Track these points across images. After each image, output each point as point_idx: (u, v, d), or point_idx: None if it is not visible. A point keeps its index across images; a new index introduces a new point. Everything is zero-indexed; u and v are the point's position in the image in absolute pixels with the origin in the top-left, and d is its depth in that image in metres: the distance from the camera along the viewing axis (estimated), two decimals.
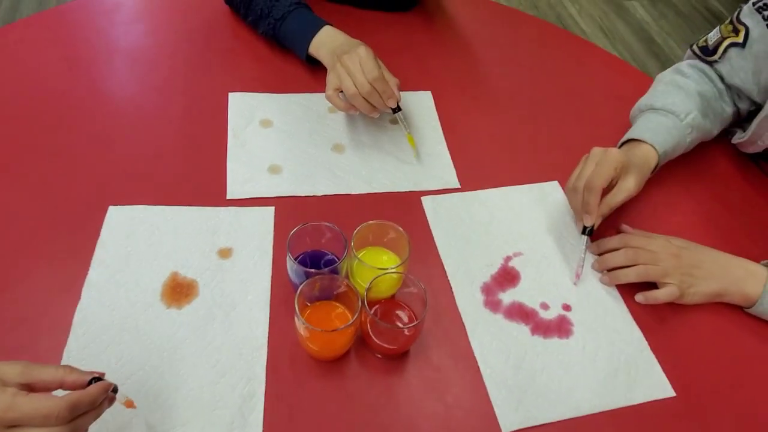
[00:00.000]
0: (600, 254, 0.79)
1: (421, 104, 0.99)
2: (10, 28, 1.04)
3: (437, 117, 0.97)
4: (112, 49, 1.02)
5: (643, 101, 0.91)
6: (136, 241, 0.74)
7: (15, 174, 0.80)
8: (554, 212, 0.85)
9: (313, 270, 0.64)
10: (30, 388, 0.48)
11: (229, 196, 0.81)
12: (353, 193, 0.83)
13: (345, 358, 0.67)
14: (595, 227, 0.76)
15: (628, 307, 0.75)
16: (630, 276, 0.74)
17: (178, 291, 0.70)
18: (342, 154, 0.89)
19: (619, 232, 0.82)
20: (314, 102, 0.96)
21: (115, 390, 0.51)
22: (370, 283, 0.63)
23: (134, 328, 0.67)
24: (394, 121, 0.93)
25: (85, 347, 0.64)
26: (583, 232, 0.77)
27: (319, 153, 0.88)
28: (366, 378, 0.66)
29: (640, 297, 0.73)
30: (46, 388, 0.49)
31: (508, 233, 0.81)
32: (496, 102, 1.03)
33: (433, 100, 1.00)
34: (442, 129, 0.95)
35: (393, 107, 0.85)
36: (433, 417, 0.64)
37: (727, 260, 0.75)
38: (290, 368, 0.66)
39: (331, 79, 0.86)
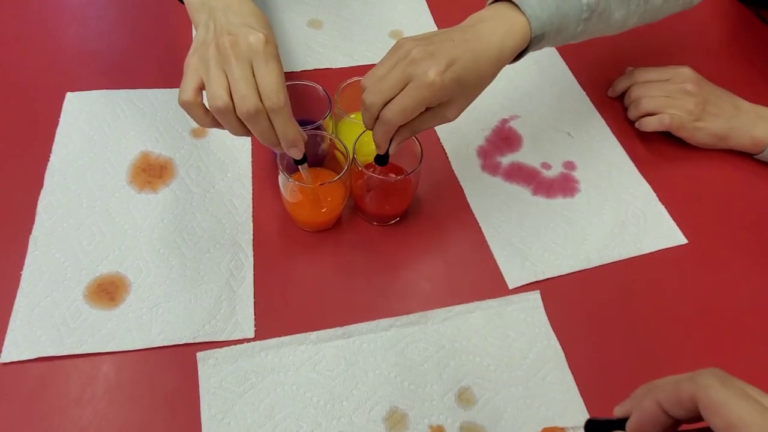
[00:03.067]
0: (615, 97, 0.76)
1: None
2: None
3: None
4: None
5: None
6: (99, 126, 0.68)
7: None
8: (548, 76, 0.79)
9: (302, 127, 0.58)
10: None
11: None
12: (334, 67, 0.77)
13: (337, 227, 0.63)
14: (391, 152, 0.54)
15: (634, 161, 0.71)
16: (653, 125, 0.70)
17: (150, 172, 0.65)
18: (320, 29, 0.81)
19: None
20: None
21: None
22: (358, 138, 0.57)
23: (105, 211, 0.61)
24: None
25: (52, 232, 0.59)
26: (376, 160, 0.55)
27: (294, 29, 0.81)
28: (360, 245, 0.62)
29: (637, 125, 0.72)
30: None
31: (502, 98, 0.76)
32: None
33: None
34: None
35: (296, 158, 0.53)
36: (436, 278, 0.60)
37: (739, 102, 0.70)
38: (279, 240, 0.61)
39: (193, 65, 0.48)
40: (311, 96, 0.62)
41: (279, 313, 0.56)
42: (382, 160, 0.54)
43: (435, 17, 0.85)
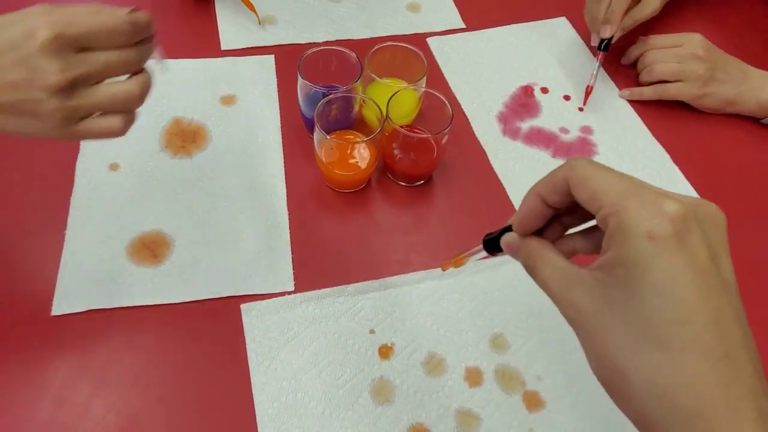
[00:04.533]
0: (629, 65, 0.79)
1: None
2: None
3: None
4: None
5: None
6: None
7: None
8: (565, 48, 0.81)
9: (327, 89, 0.60)
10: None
11: (224, 47, 0.75)
12: (355, 38, 0.79)
13: (366, 189, 0.65)
14: (614, 40, 0.73)
15: (647, 124, 0.73)
16: (648, 94, 0.74)
17: (184, 137, 0.66)
18: (338, 3, 0.83)
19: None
20: None
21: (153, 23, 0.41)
22: (391, 98, 0.60)
23: (142, 174, 0.63)
24: None
25: (92, 195, 0.60)
26: (599, 47, 0.73)
27: (314, 2, 0.83)
28: (390, 205, 0.64)
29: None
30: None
31: (521, 67, 0.78)
32: None
33: None
34: None
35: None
36: (465, 235, 0.62)
37: (747, 68, 0.73)
38: (312, 200, 0.63)
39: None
40: (342, 62, 0.64)
41: (316, 268, 0.58)
42: (606, 45, 0.71)
43: None
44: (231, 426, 0.49)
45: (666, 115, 0.75)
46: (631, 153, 0.70)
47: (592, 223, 0.31)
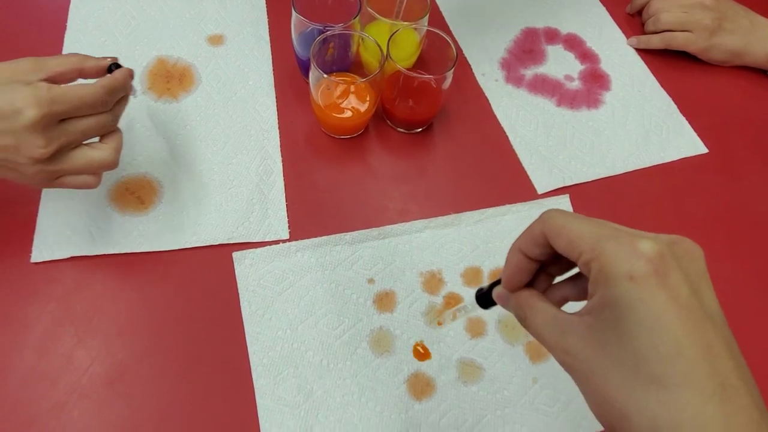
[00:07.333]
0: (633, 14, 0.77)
1: None
2: None
3: None
4: None
5: None
6: (110, 31, 0.65)
7: None
8: None
9: (324, 26, 0.56)
10: (50, 82, 0.42)
11: None
12: None
13: (364, 135, 0.62)
14: None
15: (655, 75, 0.71)
16: (655, 43, 0.71)
17: (169, 79, 0.62)
18: None
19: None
20: None
21: (132, 76, 0.46)
22: (391, 37, 0.56)
23: (123, 117, 0.59)
24: None
25: None
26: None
27: None
28: (388, 152, 0.61)
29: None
30: (66, 79, 0.44)
31: (522, 11, 0.74)
32: None
33: None
34: None
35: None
36: (465, 183, 0.60)
37: (756, 18, 0.71)
38: (306, 146, 0.60)
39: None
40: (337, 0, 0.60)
41: (312, 216, 0.56)
42: None
43: None
44: (224, 376, 0.47)
45: (673, 64, 0.72)
46: (638, 103, 0.68)
47: (576, 270, 0.31)
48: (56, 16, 0.65)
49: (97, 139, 0.45)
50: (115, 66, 0.46)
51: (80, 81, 0.44)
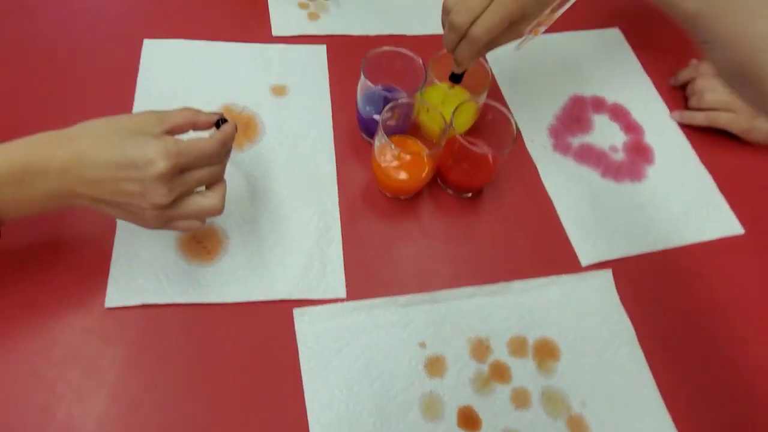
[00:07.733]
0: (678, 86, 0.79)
1: None
2: None
3: None
4: None
5: None
6: (180, 76, 0.67)
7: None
8: (614, 60, 0.80)
9: (387, 90, 0.59)
10: (169, 133, 0.47)
11: (275, 33, 0.73)
12: (408, 34, 0.77)
13: (417, 196, 0.64)
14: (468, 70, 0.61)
15: (695, 149, 0.73)
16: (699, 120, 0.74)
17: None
18: None
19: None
20: None
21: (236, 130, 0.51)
22: (457, 108, 0.58)
23: None
24: None
25: None
26: (451, 78, 0.61)
27: None
28: (440, 215, 0.64)
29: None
30: (181, 131, 0.48)
31: (570, 80, 0.77)
32: None
33: None
34: None
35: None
36: (512, 250, 0.62)
37: None
38: (363, 203, 0.63)
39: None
40: (405, 65, 0.63)
41: (367, 275, 0.58)
42: (457, 78, 0.60)
43: None
44: (282, 431, 0.50)
45: (714, 141, 0.75)
46: (679, 179, 0.70)
47: None
48: (128, 64, 0.68)
49: (203, 187, 0.49)
50: (222, 120, 0.50)
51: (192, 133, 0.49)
